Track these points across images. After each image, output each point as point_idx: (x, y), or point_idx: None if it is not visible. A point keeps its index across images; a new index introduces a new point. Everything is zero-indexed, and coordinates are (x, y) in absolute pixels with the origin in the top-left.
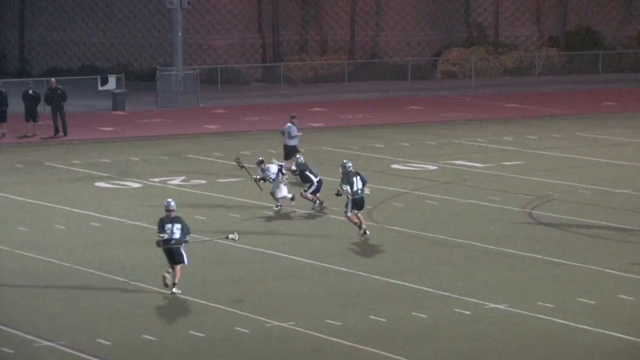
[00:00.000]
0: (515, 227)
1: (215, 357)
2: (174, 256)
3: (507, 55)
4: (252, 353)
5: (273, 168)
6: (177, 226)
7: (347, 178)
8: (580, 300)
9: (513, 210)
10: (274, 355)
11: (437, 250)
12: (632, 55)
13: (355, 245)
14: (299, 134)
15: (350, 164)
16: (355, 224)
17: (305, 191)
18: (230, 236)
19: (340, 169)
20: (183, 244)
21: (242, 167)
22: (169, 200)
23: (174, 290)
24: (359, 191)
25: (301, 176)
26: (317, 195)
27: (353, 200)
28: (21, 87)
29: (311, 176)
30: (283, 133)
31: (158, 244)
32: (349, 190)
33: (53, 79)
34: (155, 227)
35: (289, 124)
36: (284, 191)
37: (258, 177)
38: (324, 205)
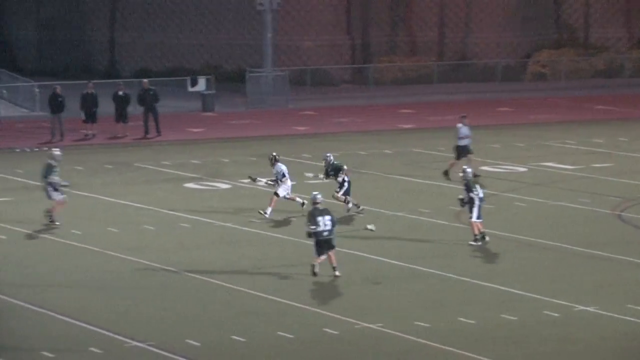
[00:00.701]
0: (605, 229)
1: (303, 358)
2: (329, 244)
3: (597, 57)
4: (340, 354)
5: (279, 168)
6: (327, 217)
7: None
8: None
9: (603, 212)
10: (362, 356)
11: (526, 252)
12: None
13: (444, 247)
14: (469, 134)
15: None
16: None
17: (337, 192)
18: (369, 227)
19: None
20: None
21: (255, 180)
22: (315, 193)
23: (337, 273)
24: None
25: (334, 176)
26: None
27: None
28: (111, 88)
29: (341, 177)
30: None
31: (310, 235)
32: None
33: (145, 80)
34: (306, 220)
35: (459, 124)
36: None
37: (269, 180)
38: (359, 207)
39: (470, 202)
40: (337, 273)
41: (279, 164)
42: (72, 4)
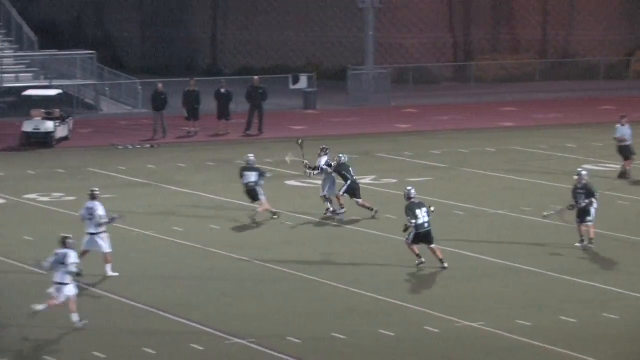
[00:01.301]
0: None
1: (405, 356)
2: (428, 238)
3: None
4: (442, 352)
5: (322, 161)
6: (424, 210)
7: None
8: None
9: None
10: (464, 354)
11: (628, 251)
12: None
13: (545, 246)
14: (629, 134)
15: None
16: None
17: (343, 194)
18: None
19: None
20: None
21: (301, 148)
22: (409, 187)
23: (445, 265)
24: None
25: (339, 175)
26: (343, 197)
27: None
28: (213, 85)
29: (348, 176)
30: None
31: (410, 228)
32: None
33: (256, 77)
34: (408, 217)
35: (618, 125)
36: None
37: (310, 166)
38: (342, 210)
39: (587, 206)
40: (445, 265)
41: (322, 157)
42: (175, 2)
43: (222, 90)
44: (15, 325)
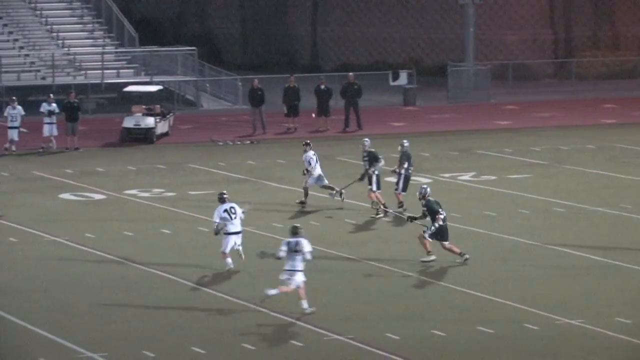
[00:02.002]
0: None
1: (503, 354)
2: (446, 234)
3: None
4: (541, 350)
5: (306, 156)
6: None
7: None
8: None
9: None
10: (563, 352)
11: None
12: None
13: None
14: None
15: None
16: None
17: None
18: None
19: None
20: None
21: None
22: (425, 186)
23: (466, 256)
24: None
25: (369, 163)
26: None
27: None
28: (313, 82)
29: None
30: None
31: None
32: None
33: (351, 74)
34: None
35: None
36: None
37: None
38: (342, 196)
39: None
40: (466, 256)
41: (307, 152)
42: None
43: (322, 87)
44: (117, 320)
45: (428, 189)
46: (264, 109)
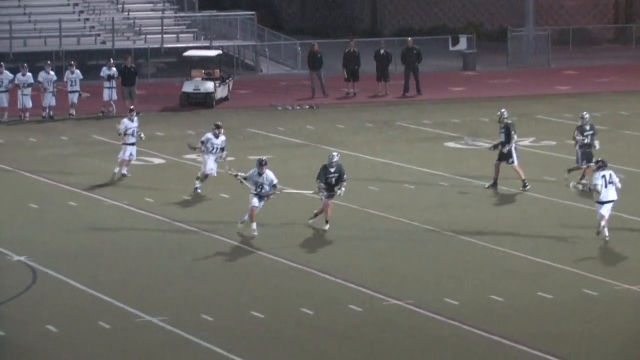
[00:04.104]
0: None
1: (562, 319)
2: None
3: None
4: (600, 315)
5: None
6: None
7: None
8: None
9: None
10: (622, 317)
11: None
12: None
13: None
14: None
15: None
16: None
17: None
18: None
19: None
20: None
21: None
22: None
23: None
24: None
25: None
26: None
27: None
28: (373, 46)
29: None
30: None
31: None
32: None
33: (409, 39)
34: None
35: None
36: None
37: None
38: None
39: None
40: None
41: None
42: None
43: (382, 52)
44: (176, 285)
45: (505, 112)
46: (323, 73)
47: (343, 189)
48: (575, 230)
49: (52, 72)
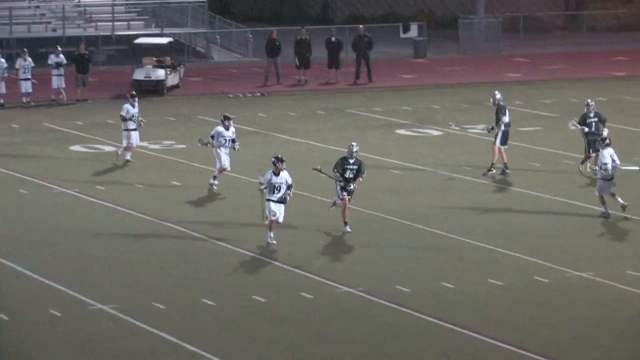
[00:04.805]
0: None
1: (513, 305)
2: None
3: None
4: (550, 302)
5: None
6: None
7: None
8: None
9: None
10: (572, 304)
11: None
12: None
13: None
14: None
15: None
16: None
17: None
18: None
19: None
20: None
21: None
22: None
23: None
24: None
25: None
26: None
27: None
28: (324, 34)
29: (504, 118)
30: None
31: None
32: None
33: (361, 26)
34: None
35: None
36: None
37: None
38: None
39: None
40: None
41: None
42: None
43: (333, 39)
44: (128, 273)
45: (498, 94)
46: (280, 61)
47: (356, 184)
48: (526, 217)
49: (2, 60)
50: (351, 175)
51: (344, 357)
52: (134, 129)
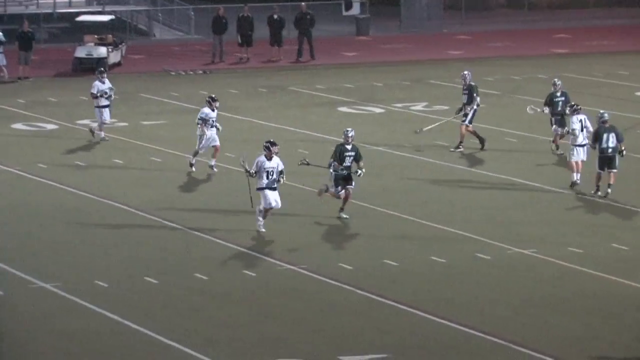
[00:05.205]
0: None
1: (456, 283)
2: (611, 162)
3: None
4: (492, 279)
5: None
6: (612, 134)
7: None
8: None
9: None
10: (514, 280)
11: None
12: None
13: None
14: None
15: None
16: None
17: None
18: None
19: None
20: None
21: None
22: (603, 112)
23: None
24: (608, 149)
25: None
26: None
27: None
28: (266, 11)
29: (478, 98)
30: None
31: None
32: None
33: (303, 3)
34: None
35: None
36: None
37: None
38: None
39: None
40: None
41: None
42: None
43: (275, 17)
44: (70, 251)
45: (468, 74)
46: (225, 39)
47: (363, 169)
48: (469, 195)
49: None
50: (349, 164)
51: (287, 333)
52: (105, 106)
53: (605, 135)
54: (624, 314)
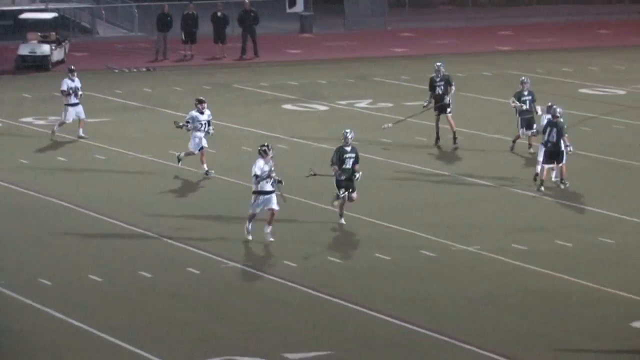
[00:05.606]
0: None
1: (400, 279)
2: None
3: None
4: (437, 275)
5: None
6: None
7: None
8: None
9: None
10: (458, 277)
11: (623, 175)
12: None
13: (525, 168)
14: None
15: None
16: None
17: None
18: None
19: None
20: None
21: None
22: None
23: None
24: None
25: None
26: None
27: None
28: (210, 9)
29: (454, 88)
30: None
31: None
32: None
33: (247, 1)
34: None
35: None
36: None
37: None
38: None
39: None
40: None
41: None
42: None
43: (219, 14)
44: (13, 248)
45: (442, 65)
46: (169, 36)
47: (360, 172)
48: (411, 190)
49: None
50: (349, 166)
51: (232, 331)
52: (76, 104)
53: (548, 129)
54: (566, 310)
